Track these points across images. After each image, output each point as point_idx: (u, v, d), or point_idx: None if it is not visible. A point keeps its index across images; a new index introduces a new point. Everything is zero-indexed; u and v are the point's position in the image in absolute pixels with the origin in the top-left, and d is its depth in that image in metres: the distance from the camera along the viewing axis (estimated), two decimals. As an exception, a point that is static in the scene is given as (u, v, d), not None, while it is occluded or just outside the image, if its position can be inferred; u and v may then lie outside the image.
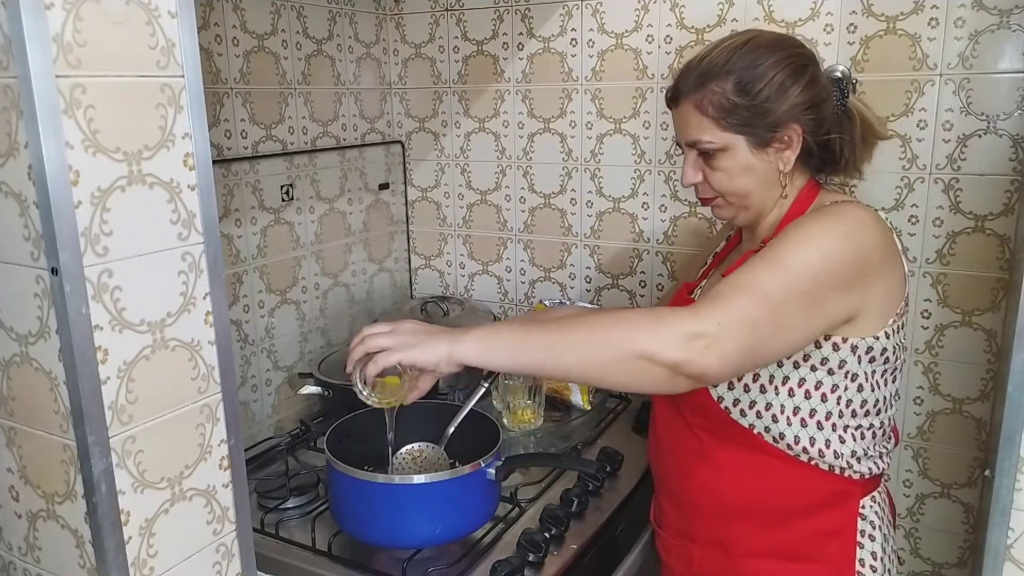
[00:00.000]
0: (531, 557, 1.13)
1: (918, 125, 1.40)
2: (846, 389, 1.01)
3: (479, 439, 1.21)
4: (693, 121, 1.05)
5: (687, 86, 1.06)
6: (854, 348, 0.99)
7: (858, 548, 1.06)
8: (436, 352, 0.93)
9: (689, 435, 1.10)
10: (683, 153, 1.09)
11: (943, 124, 1.38)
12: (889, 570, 1.08)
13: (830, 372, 1.00)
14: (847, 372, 1.00)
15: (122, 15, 0.76)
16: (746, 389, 1.03)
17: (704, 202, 1.12)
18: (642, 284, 1.74)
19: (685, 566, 1.17)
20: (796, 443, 1.02)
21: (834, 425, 1.02)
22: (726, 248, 1.25)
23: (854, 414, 1.03)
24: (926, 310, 1.45)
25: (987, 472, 1.00)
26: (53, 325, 0.76)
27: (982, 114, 1.35)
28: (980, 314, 1.41)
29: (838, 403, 1.01)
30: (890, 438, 1.10)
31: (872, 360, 1.01)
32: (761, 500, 1.05)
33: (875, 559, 1.06)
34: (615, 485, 1.37)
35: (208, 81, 1.42)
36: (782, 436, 1.02)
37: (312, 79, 1.67)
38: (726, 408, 1.05)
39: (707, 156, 1.06)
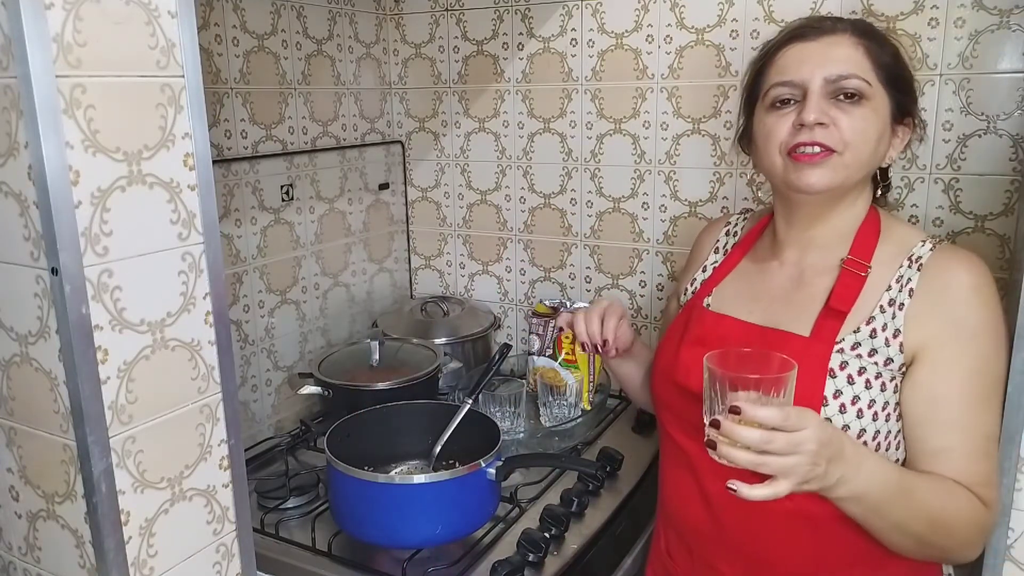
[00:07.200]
0: (531, 557, 1.13)
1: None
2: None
3: (479, 439, 1.21)
4: (851, 57, 0.93)
5: (845, 25, 0.96)
6: None
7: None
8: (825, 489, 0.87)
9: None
10: (776, 105, 0.97)
11: (943, 124, 1.38)
12: None
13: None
14: None
15: (122, 15, 0.76)
16: (849, 416, 0.93)
17: (804, 158, 0.94)
18: (642, 284, 1.74)
19: None
20: None
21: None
22: (732, 259, 1.13)
23: None
24: (926, 310, 1.45)
25: (987, 472, 0.99)
26: (53, 325, 0.76)
27: (982, 114, 1.35)
28: (980, 314, 1.40)
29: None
30: None
31: None
32: (864, 548, 0.93)
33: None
34: (615, 485, 1.37)
35: (208, 81, 1.42)
36: None
37: (312, 79, 1.67)
38: None
39: (843, 101, 0.93)
